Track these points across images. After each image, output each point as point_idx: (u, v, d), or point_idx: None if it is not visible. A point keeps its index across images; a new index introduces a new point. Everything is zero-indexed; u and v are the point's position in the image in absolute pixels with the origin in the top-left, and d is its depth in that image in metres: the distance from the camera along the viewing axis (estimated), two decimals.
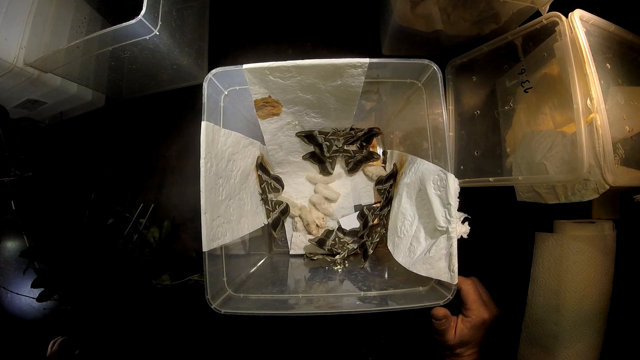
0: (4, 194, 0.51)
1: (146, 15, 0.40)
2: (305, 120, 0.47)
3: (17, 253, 0.57)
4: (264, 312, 0.35)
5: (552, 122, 0.45)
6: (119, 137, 0.61)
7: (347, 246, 0.49)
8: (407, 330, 0.53)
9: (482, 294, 0.41)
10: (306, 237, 0.51)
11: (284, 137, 0.49)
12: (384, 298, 0.37)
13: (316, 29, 0.61)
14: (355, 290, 0.40)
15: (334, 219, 0.54)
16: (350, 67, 0.36)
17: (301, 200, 0.55)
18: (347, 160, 0.53)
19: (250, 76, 0.37)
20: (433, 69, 0.36)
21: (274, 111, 0.44)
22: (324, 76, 0.38)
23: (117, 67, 0.51)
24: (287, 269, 0.50)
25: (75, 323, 0.54)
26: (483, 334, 0.41)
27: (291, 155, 0.53)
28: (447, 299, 0.35)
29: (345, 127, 0.50)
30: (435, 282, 0.37)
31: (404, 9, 0.48)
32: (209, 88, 0.37)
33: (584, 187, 0.41)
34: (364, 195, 0.54)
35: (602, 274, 0.45)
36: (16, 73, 0.45)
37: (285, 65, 0.36)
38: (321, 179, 0.54)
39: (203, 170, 0.35)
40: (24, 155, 0.52)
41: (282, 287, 0.42)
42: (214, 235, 0.36)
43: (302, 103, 0.43)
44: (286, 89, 0.40)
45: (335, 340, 0.54)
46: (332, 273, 0.46)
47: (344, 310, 0.35)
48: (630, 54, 0.44)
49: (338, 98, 0.42)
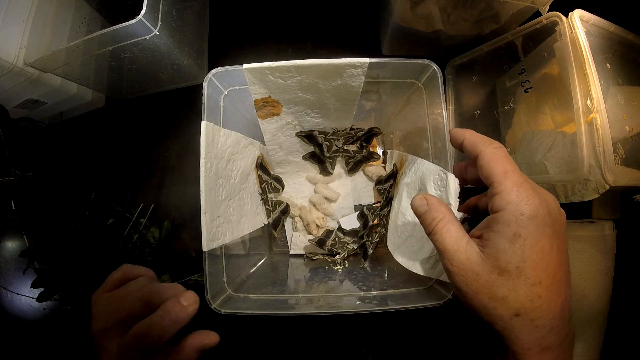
0: (4, 194, 0.51)
1: (146, 15, 0.40)
2: (305, 120, 0.47)
3: (17, 253, 0.57)
4: (264, 312, 0.35)
5: (552, 122, 0.45)
6: (119, 137, 0.61)
7: (347, 246, 0.49)
8: (407, 331, 0.53)
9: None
10: (306, 237, 0.51)
11: (284, 137, 0.49)
12: (384, 298, 0.37)
13: (316, 29, 0.61)
14: (355, 290, 0.40)
15: (334, 219, 0.54)
16: (350, 67, 0.36)
17: (301, 200, 0.55)
18: (347, 160, 0.53)
19: (250, 76, 0.37)
20: (433, 68, 0.36)
21: (274, 111, 0.44)
22: (324, 76, 0.38)
23: (117, 67, 0.51)
24: (287, 269, 0.50)
25: (75, 323, 0.54)
26: (560, 266, 0.23)
27: (291, 156, 0.52)
28: (448, 299, 0.34)
29: (345, 127, 0.49)
30: (436, 282, 0.37)
31: (404, 9, 0.48)
32: (209, 88, 0.36)
33: (584, 187, 0.41)
34: (364, 195, 0.54)
35: (602, 274, 0.45)
36: (16, 73, 0.45)
37: (285, 65, 0.36)
38: (321, 179, 0.54)
39: (203, 170, 0.35)
40: (24, 155, 0.52)
41: (282, 287, 0.42)
42: (214, 235, 0.36)
43: (302, 103, 0.43)
44: (286, 88, 0.39)
45: (335, 340, 0.54)
46: (332, 273, 0.46)
47: (344, 310, 0.34)
48: (630, 54, 0.44)
49: (338, 98, 0.42)
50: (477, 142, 0.27)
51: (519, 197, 0.23)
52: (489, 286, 0.23)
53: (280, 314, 0.36)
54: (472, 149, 0.27)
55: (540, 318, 0.23)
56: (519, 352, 0.23)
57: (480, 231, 0.25)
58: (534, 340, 0.23)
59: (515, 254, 0.22)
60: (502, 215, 0.23)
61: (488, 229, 0.24)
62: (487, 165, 0.25)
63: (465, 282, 0.24)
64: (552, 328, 0.23)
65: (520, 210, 0.23)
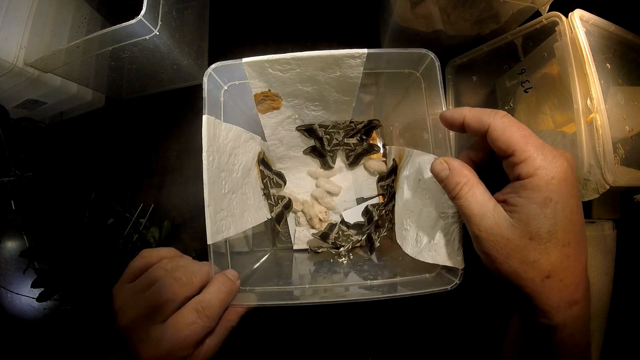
0: (4, 194, 0.51)
1: (146, 15, 0.40)
2: (305, 114, 0.47)
3: (17, 253, 0.57)
4: (270, 303, 0.35)
5: (552, 122, 0.45)
6: (119, 137, 0.61)
7: (351, 238, 0.49)
8: (415, 319, 0.53)
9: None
10: (309, 231, 0.52)
11: (284, 132, 0.49)
12: (391, 285, 0.37)
13: (316, 28, 0.61)
14: (362, 280, 0.40)
15: (337, 213, 0.54)
16: (349, 58, 0.37)
17: (303, 195, 0.55)
18: (348, 153, 0.53)
19: (250, 70, 0.38)
20: (431, 57, 0.37)
21: (274, 105, 0.44)
22: (322, 68, 0.38)
23: (117, 67, 0.51)
24: (292, 264, 0.49)
25: (76, 323, 0.54)
26: (579, 224, 0.23)
27: (292, 150, 0.53)
28: (455, 284, 0.33)
29: (345, 120, 0.50)
30: (442, 269, 0.37)
31: (404, 9, 0.48)
32: (209, 83, 0.37)
33: (584, 187, 0.41)
34: (365, 188, 0.54)
35: (602, 274, 0.45)
36: (16, 73, 0.45)
37: (284, 57, 0.36)
38: (322, 173, 0.54)
39: (205, 163, 0.35)
40: (24, 155, 0.52)
41: (287, 280, 0.42)
42: (218, 228, 0.36)
43: (302, 96, 0.43)
44: (285, 81, 0.40)
45: (343, 332, 0.54)
46: (336, 266, 0.46)
47: (352, 299, 0.34)
48: (630, 54, 0.44)
49: (337, 90, 0.42)
50: (481, 116, 0.26)
51: (546, 161, 0.23)
52: (519, 250, 0.23)
53: (287, 304, 0.35)
54: (478, 125, 0.26)
55: (569, 277, 0.23)
56: (549, 311, 0.24)
57: (505, 196, 0.25)
58: (562, 298, 0.23)
59: (547, 219, 0.22)
60: (531, 182, 0.23)
61: (515, 195, 0.24)
62: (502, 136, 0.24)
63: (495, 248, 0.24)
64: (578, 284, 0.24)
65: (551, 174, 0.22)
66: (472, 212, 0.25)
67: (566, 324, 0.24)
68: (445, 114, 0.29)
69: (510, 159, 0.24)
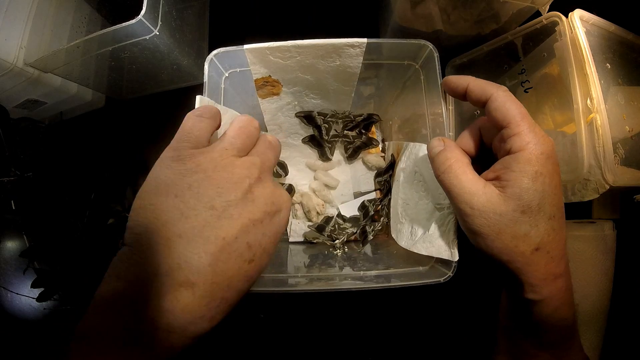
0: (4, 194, 0.51)
1: (146, 15, 0.40)
2: (305, 101, 0.47)
3: (17, 253, 0.57)
4: (265, 289, 0.35)
5: (552, 122, 0.45)
6: (119, 137, 0.61)
7: (346, 231, 0.50)
8: (405, 326, 0.53)
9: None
10: (305, 224, 0.52)
11: (283, 118, 0.50)
12: (384, 277, 0.37)
13: (316, 28, 0.61)
14: (355, 272, 0.41)
15: (334, 206, 0.54)
16: (349, 47, 0.37)
17: (301, 187, 0.55)
18: (346, 146, 0.53)
19: (251, 56, 0.38)
20: (430, 49, 0.37)
21: (274, 91, 0.44)
22: (322, 56, 0.38)
23: (117, 67, 0.51)
24: (287, 255, 0.50)
25: (76, 323, 0.54)
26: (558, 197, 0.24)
27: (290, 138, 0.53)
28: (448, 277, 0.33)
29: (345, 110, 0.50)
30: (435, 261, 0.37)
31: (404, 9, 0.48)
32: (210, 69, 0.37)
33: (583, 187, 0.41)
34: (363, 182, 0.54)
35: (602, 274, 0.45)
36: (16, 73, 0.45)
37: (285, 45, 0.37)
38: (321, 165, 0.54)
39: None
40: (24, 155, 0.52)
41: (282, 269, 0.43)
42: None
43: (302, 83, 0.43)
44: (286, 68, 0.40)
45: (335, 340, 0.54)
46: (331, 258, 0.47)
47: (344, 288, 0.35)
48: (630, 54, 0.44)
49: (337, 79, 0.42)
50: (485, 85, 0.27)
51: (536, 137, 0.24)
52: (512, 225, 0.24)
53: (281, 290, 0.36)
54: (480, 93, 0.27)
55: (555, 249, 0.24)
56: (536, 284, 0.24)
57: (496, 172, 0.25)
58: (549, 270, 0.24)
59: (537, 191, 0.23)
60: (523, 155, 0.24)
61: (507, 169, 0.24)
62: (502, 107, 0.25)
63: (487, 224, 0.24)
64: (562, 257, 0.25)
65: (540, 149, 0.24)
66: (462, 189, 0.25)
67: (552, 296, 0.25)
68: (450, 78, 0.30)
69: (504, 131, 0.25)
